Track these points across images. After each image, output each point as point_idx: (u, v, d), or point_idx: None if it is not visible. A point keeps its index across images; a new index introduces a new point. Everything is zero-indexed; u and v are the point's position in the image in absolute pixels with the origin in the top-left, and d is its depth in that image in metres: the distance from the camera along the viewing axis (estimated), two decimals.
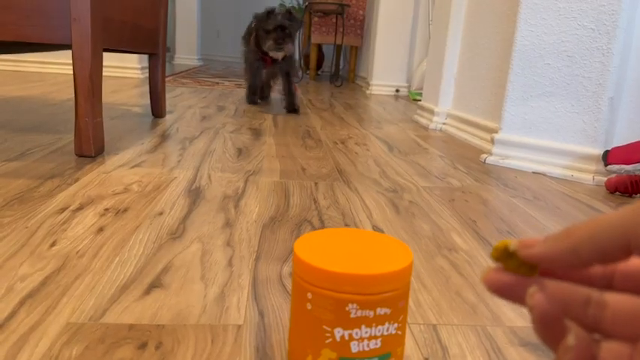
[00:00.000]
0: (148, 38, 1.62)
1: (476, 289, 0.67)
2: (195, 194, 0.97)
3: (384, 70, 3.66)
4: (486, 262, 0.76)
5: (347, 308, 0.41)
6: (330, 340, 0.42)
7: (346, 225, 0.87)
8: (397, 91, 3.67)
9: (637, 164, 1.11)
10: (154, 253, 0.70)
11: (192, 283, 0.62)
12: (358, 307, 0.41)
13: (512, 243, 0.28)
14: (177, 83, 3.18)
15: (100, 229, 0.77)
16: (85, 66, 1.13)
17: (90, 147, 1.18)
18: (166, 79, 3.34)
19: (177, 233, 0.77)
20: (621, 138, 1.33)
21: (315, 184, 1.12)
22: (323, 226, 0.86)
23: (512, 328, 0.58)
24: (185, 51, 5.62)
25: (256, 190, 1.03)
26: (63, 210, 0.84)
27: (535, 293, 0.26)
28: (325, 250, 0.44)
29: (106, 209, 0.85)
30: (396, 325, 0.43)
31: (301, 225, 0.85)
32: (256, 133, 1.67)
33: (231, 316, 0.55)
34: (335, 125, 1.98)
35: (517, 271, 0.28)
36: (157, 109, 1.82)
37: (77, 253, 0.68)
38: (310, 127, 1.88)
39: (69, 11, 1.12)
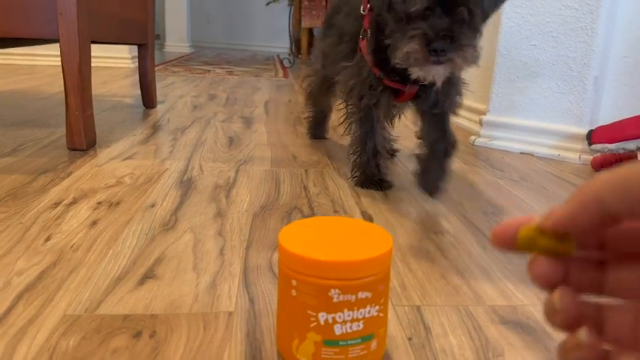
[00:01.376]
0: (137, 29, 1.62)
1: (460, 271, 0.69)
2: (186, 185, 0.99)
3: None
4: (471, 244, 0.78)
5: (329, 293, 0.43)
6: (314, 324, 0.44)
7: (335, 212, 0.89)
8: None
9: (620, 142, 1.13)
10: (146, 245, 0.71)
11: (184, 273, 0.64)
12: (340, 292, 0.43)
13: (534, 221, 0.27)
14: (168, 72, 3.17)
15: (94, 223, 0.78)
16: (74, 60, 1.14)
17: (81, 140, 1.19)
18: (157, 67, 3.33)
19: (169, 224, 0.79)
20: (607, 117, 1.34)
21: (306, 171, 1.13)
22: (313, 213, 0.88)
23: (493, 306, 0.60)
24: (175, 38, 5.59)
25: (247, 179, 1.05)
26: (57, 204, 0.85)
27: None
28: (308, 239, 0.46)
29: (99, 203, 0.87)
30: (377, 307, 0.45)
31: (291, 213, 0.87)
32: (247, 122, 1.68)
33: (222, 303, 0.57)
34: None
35: (551, 251, 0.26)
36: (148, 100, 1.83)
37: (72, 247, 0.70)
38: (301, 114, 1.89)
39: (55, 5, 1.12)
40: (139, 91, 2.09)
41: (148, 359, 0.47)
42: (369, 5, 0.94)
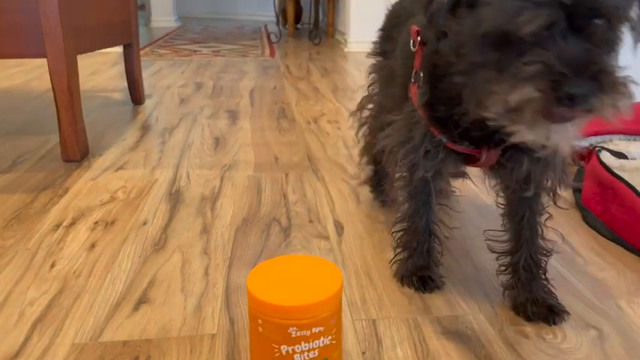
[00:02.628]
0: (121, 31, 1.67)
1: None
2: (175, 198, 1.08)
3: (361, 26, 3.66)
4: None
5: (289, 331, 0.53)
6: (278, 354, 0.54)
7: (310, 222, 0.99)
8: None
9: (591, 137, 1.20)
10: (140, 268, 0.81)
11: (174, 296, 0.74)
12: (297, 329, 0.53)
13: None
14: (154, 55, 3.20)
15: (92, 246, 0.88)
16: (62, 79, 1.21)
17: (75, 152, 1.27)
18: (144, 50, 3.36)
19: (159, 244, 0.89)
20: None
21: (286, 175, 1.22)
22: (290, 224, 0.97)
23: (439, 318, 0.71)
24: (161, 12, 5.54)
25: (231, 188, 1.14)
26: (57, 227, 0.94)
27: None
28: (271, 282, 0.56)
29: (96, 222, 0.96)
30: (329, 337, 0.56)
31: (270, 225, 0.97)
32: (233, 117, 1.76)
33: (206, 326, 0.68)
34: (310, 99, 2.06)
35: None
36: (136, 96, 1.89)
37: (74, 273, 0.79)
38: (285, 104, 1.96)
39: (41, 27, 1.17)
40: (126, 83, 2.14)
41: None
42: (419, 38, 0.65)
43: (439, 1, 0.53)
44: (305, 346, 0.54)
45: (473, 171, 0.75)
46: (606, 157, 1.09)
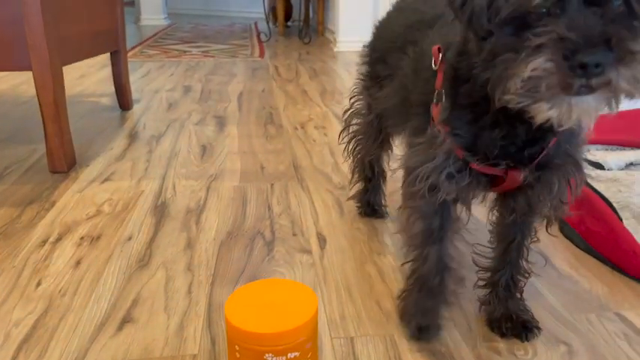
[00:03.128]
0: (108, 39, 1.67)
1: (393, 297, 0.81)
2: (160, 211, 1.09)
3: (351, 25, 3.67)
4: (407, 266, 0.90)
5: (265, 357, 0.55)
6: None
7: (294, 235, 1.00)
8: (364, 46, 3.70)
9: None
10: (124, 285, 0.83)
11: (157, 315, 0.76)
12: (273, 355, 0.55)
13: None
14: (143, 57, 3.19)
15: (78, 263, 0.89)
16: (48, 92, 1.21)
17: (62, 164, 1.28)
18: (132, 51, 3.35)
19: (144, 260, 0.90)
20: None
21: (272, 185, 1.24)
22: (273, 237, 0.99)
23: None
24: (150, 10, 5.51)
25: (217, 200, 1.15)
26: (44, 242, 0.96)
27: None
28: (248, 309, 0.58)
29: (82, 238, 0.98)
30: None
31: (254, 239, 0.99)
32: (220, 123, 1.77)
33: (188, 347, 0.70)
34: (298, 103, 2.07)
35: None
36: (124, 102, 1.89)
37: (60, 291, 0.81)
38: (273, 109, 1.98)
39: (25, 40, 1.18)
40: (114, 88, 2.14)
41: None
42: (440, 55, 0.64)
43: (478, 2, 0.50)
44: None
45: None
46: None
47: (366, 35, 2.53)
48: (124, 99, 1.89)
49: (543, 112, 0.49)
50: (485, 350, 0.70)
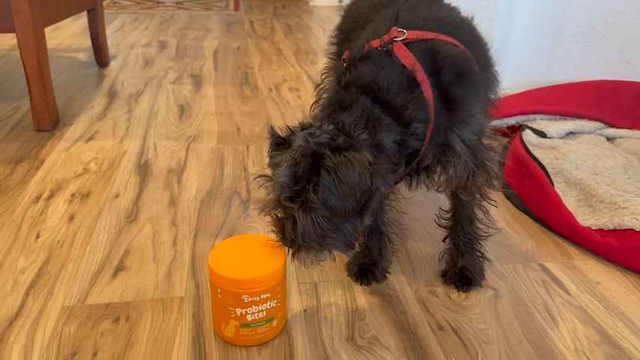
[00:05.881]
0: None
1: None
2: (143, 170, 1.18)
3: None
4: None
5: (242, 297, 0.67)
6: (233, 315, 0.69)
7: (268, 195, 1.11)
8: (340, 1, 3.71)
9: (510, 118, 1.35)
10: (115, 238, 0.93)
11: (147, 264, 0.87)
12: (249, 296, 0.68)
13: None
14: (116, 7, 3.16)
15: (71, 217, 0.99)
16: (32, 53, 1.27)
17: (47, 122, 1.35)
18: (105, 1, 3.30)
19: (132, 216, 1.01)
20: (509, 86, 1.57)
21: (247, 147, 1.34)
22: (249, 197, 1.10)
23: None
24: None
25: (196, 160, 1.25)
26: (37, 199, 1.05)
27: None
28: (227, 259, 0.69)
29: (73, 195, 1.07)
30: (275, 301, 0.70)
31: (232, 197, 1.09)
32: (197, 82, 1.83)
33: (175, 290, 0.81)
34: (272, 63, 2.13)
35: None
36: (101, 59, 1.93)
37: (58, 243, 0.91)
38: (249, 68, 2.04)
39: (9, 4, 1.22)
40: (90, 42, 2.16)
41: (125, 338, 0.71)
42: None
43: None
44: (255, 309, 0.69)
45: None
46: (527, 135, 1.25)
47: None
48: (101, 56, 1.92)
49: None
50: (426, 293, 0.83)
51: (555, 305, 0.82)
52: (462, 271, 0.85)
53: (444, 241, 0.89)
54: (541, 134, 1.27)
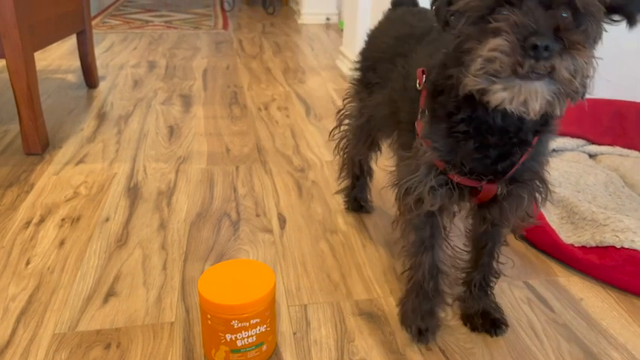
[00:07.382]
0: (75, 20, 1.71)
1: (341, 270, 0.95)
2: (133, 193, 1.19)
3: None
4: (355, 242, 1.04)
5: (231, 323, 0.68)
6: (223, 340, 0.70)
7: (257, 216, 1.13)
8: (328, 19, 3.77)
9: None
10: (106, 264, 0.94)
11: (137, 289, 0.88)
12: (238, 322, 0.69)
13: None
14: (105, 27, 3.18)
15: (62, 243, 0.99)
16: (21, 78, 1.28)
17: (37, 146, 1.35)
18: (94, 21, 3.32)
19: (122, 240, 1.01)
20: None
21: (237, 168, 1.35)
22: (239, 218, 1.11)
23: (357, 301, 0.88)
24: None
25: (186, 182, 1.26)
26: (28, 224, 1.05)
27: None
28: (218, 285, 0.70)
29: (63, 219, 1.07)
30: (265, 326, 0.71)
31: (221, 219, 1.11)
32: (186, 103, 1.85)
33: (166, 315, 0.82)
34: (261, 82, 2.16)
35: None
36: (90, 80, 1.94)
37: (48, 269, 0.92)
38: (238, 87, 2.06)
39: None
40: (79, 63, 2.18)
41: None
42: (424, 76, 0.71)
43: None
44: (245, 334, 0.70)
45: None
46: None
47: (330, 8, 2.59)
48: (90, 77, 1.93)
49: (497, 94, 0.55)
50: None
51: (540, 323, 0.83)
52: (487, 315, 0.81)
53: (462, 283, 0.84)
54: None
